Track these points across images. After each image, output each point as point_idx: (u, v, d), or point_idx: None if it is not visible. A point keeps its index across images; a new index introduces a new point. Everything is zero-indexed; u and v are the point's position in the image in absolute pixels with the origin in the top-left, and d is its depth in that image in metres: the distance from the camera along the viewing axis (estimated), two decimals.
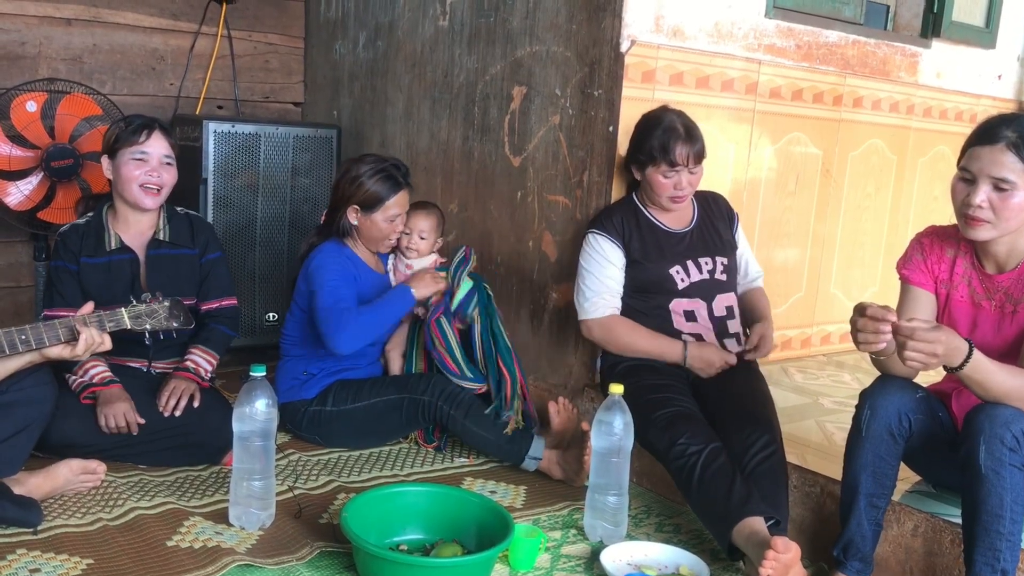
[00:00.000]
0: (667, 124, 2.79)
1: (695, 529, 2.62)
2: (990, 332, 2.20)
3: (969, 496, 2.02)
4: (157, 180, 2.83)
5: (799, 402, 3.23)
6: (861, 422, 2.20)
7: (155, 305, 2.50)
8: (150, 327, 2.48)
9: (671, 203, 2.85)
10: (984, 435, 1.97)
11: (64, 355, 2.34)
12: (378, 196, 2.96)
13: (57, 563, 2.16)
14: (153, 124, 2.86)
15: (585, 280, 2.88)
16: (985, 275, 2.22)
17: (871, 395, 2.21)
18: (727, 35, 3.26)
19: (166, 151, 2.86)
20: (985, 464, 1.97)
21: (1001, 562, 1.98)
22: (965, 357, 1.95)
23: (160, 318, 2.49)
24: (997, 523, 1.97)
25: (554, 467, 2.89)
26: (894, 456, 2.20)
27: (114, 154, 2.83)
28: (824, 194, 3.72)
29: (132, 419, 2.68)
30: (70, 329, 2.32)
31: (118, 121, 2.93)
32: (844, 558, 2.23)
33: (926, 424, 2.20)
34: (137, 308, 2.47)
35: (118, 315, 2.42)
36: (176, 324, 2.52)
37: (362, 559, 2.18)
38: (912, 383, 2.23)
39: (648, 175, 2.83)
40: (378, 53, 4.06)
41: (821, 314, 3.82)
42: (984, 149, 2.08)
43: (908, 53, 3.89)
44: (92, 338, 2.33)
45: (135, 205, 2.86)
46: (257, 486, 2.39)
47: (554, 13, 3.20)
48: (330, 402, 2.98)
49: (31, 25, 3.84)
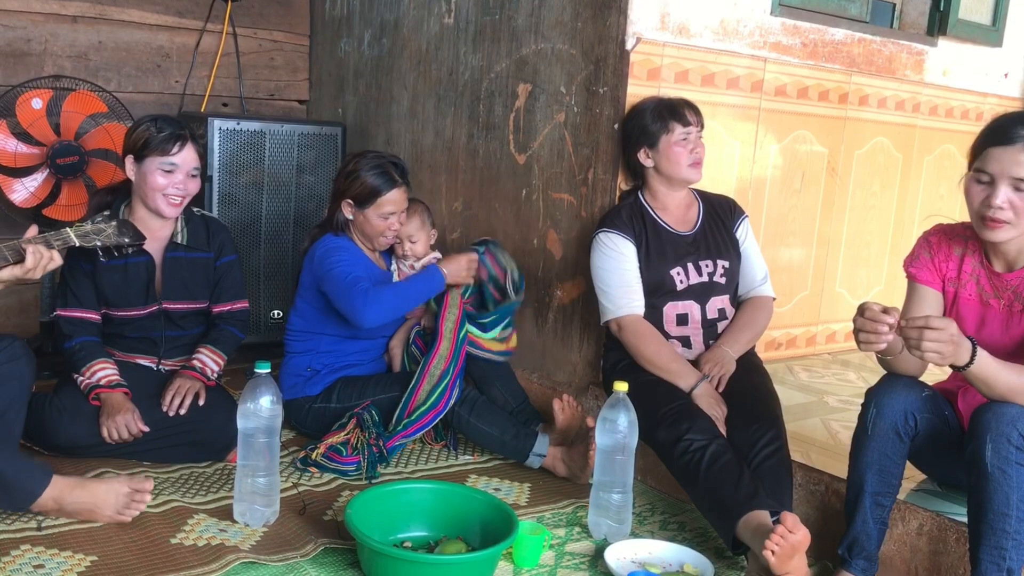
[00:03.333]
0: (657, 99, 2.90)
1: (699, 527, 2.62)
2: (998, 331, 2.19)
3: (975, 494, 2.02)
4: (183, 191, 2.81)
5: (804, 400, 3.22)
6: (867, 421, 2.19)
7: (102, 224, 2.46)
8: (100, 243, 2.43)
9: (691, 171, 2.83)
10: (991, 433, 1.97)
11: (16, 274, 2.26)
12: (371, 191, 2.94)
13: (61, 559, 2.16)
14: (185, 135, 2.80)
15: (605, 279, 2.84)
16: (994, 273, 2.20)
17: (877, 394, 2.20)
18: (732, 33, 3.26)
19: (195, 163, 2.83)
20: (991, 462, 1.96)
21: (1007, 561, 1.97)
22: (971, 355, 1.95)
23: (110, 235, 2.45)
24: (1003, 522, 1.97)
25: (558, 464, 2.89)
26: (900, 455, 2.19)
27: (141, 158, 2.78)
28: (829, 192, 3.71)
29: (135, 430, 2.67)
30: (16, 251, 2.24)
31: (146, 121, 2.83)
32: (849, 556, 2.22)
33: (932, 423, 2.19)
34: (83, 227, 2.41)
35: (64, 234, 2.36)
36: (127, 239, 2.48)
37: (366, 556, 2.18)
38: (919, 382, 2.22)
39: (662, 149, 2.81)
40: (383, 51, 4.06)
41: (826, 313, 3.82)
42: (1001, 150, 2.05)
43: (914, 51, 3.88)
44: (40, 253, 2.26)
45: (157, 212, 2.83)
46: (261, 483, 2.39)
47: (559, 10, 3.19)
48: (334, 399, 2.98)
49: (37, 22, 3.84)
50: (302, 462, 2.82)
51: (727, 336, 2.86)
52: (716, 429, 2.53)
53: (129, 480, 2.35)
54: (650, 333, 2.79)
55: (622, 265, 2.82)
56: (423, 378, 2.91)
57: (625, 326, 2.80)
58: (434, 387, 2.90)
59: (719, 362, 2.76)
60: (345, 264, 2.90)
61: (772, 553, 2.10)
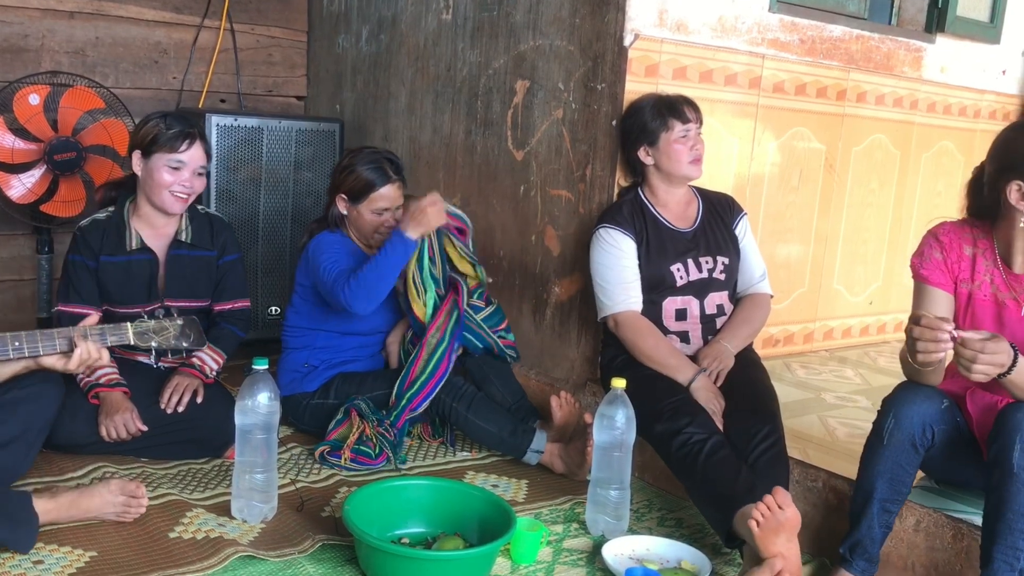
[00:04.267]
0: (656, 96, 2.90)
1: (697, 524, 2.62)
2: (1017, 331, 2.14)
3: (995, 493, 1.99)
4: (189, 189, 2.81)
5: (801, 397, 3.23)
6: (883, 430, 2.14)
7: (166, 322, 2.38)
8: (156, 345, 2.35)
9: (692, 168, 2.84)
10: (1020, 433, 1.95)
11: (57, 366, 2.23)
12: (365, 186, 2.95)
13: (60, 555, 2.16)
14: (194, 133, 2.81)
15: (604, 275, 2.84)
16: (1009, 272, 2.17)
17: (896, 403, 2.15)
18: (731, 29, 3.25)
19: (202, 161, 2.84)
20: (1018, 463, 1.94)
21: (1021, 562, 1.96)
22: (1012, 363, 1.92)
23: (169, 336, 2.37)
24: (1022, 522, 1.96)
25: (556, 461, 2.89)
26: (913, 465, 2.17)
27: (149, 154, 2.79)
28: (827, 189, 3.72)
29: (133, 429, 2.67)
30: (68, 340, 2.21)
31: (155, 117, 2.83)
32: (851, 556, 2.21)
33: (948, 434, 2.16)
34: (144, 324, 2.34)
35: (122, 329, 2.30)
36: (186, 344, 2.40)
37: (364, 552, 2.18)
38: (938, 392, 2.17)
39: (662, 147, 2.82)
40: (381, 47, 4.06)
41: (824, 310, 3.82)
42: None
43: (912, 48, 3.88)
44: (88, 353, 2.21)
45: (161, 209, 2.84)
46: (259, 479, 2.39)
47: (557, 7, 3.19)
48: (332, 395, 2.98)
49: (34, 18, 3.84)
50: (321, 459, 2.83)
51: (726, 332, 2.86)
52: (715, 425, 2.54)
53: (121, 486, 2.33)
54: (647, 328, 2.80)
55: (621, 261, 2.82)
56: (422, 349, 2.93)
57: (622, 322, 2.81)
58: (431, 354, 2.91)
59: (717, 357, 2.76)
60: (331, 260, 2.90)
61: (756, 524, 2.09)
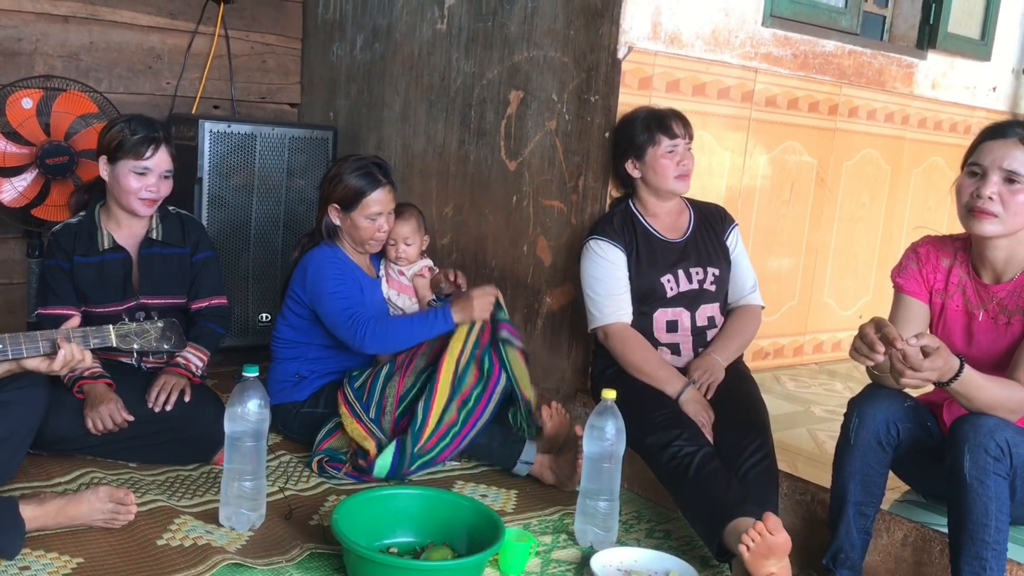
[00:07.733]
0: (647, 110, 2.90)
1: (686, 535, 2.63)
2: (984, 343, 2.21)
3: (955, 505, 2.03)
4: (155, 194, 2.84)
5: (791, 410, 3.23)
6: (849, 431, 2.20)
7: (147, 325, 2.41)
8: (138, 347, 2.37)
9: (678, 183, 2.84)
10: (969, 444, 1.98)
11: (41, 368, 2.24)
12: (356, 193, 2.94)
13: (47, 561, 2.15)
14: (159, 138, 2.82)
15: (593, 287, 2.85)
16: (981, 284, 2.22)
17: (859, 404, 2.21)
18: (724, 43, 3.27)
19: (168, 166, 2.85)
20: (970, 473, 1.98)
21: (987, 571, 1.99)
22: (955, 374, 1.96)
23: (151, 338, 2.39)
24: (982, 532, 1.98)
25: (546, 472, 2.89)
26: (882, 464, 2.21)
27: (114, 160, 2.81)
28: (818, 203, 3.73)
29: (119, 419, 2.66)
30: (51, 343, 2.21)
31: (120, 122, 2.85)
32: (833, 566, 2.23)
33: (915, 433, 2.21)
34: (126, 327, 2.36)
35: (104, 331, 2.31)
36: (167, 346, 2.43)
37: (352, 561, 2.18)
38: (901, 392, 2.23)
39: (649, 161, 2.83)
40: (375, 55, 4.07)
41: (814, 323, 3.83)
42: (995, 143, 2.09)
43: (904, 64, 3.91)
44: (71, 354, 2.21)
45: (130, 212, 2.87)
46: (248, 487, 2.39)
47: (552, 19, 3.20)
48: (322, 404, 2.98)
49: (28, 21, 3.83)
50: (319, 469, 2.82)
51: (716, 344, 2.87)
52: (705, 438, 2.54)
53: (110, 493, 2.33)
54: (636, 340, 2.80)
55: (611, 273, 2.83)
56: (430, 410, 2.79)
57: (611, 334, 2.81)
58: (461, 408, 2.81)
59: (708, 369, 2.77)
60: (335, 288, 2.89)
61: (747, 548, 2.11)
